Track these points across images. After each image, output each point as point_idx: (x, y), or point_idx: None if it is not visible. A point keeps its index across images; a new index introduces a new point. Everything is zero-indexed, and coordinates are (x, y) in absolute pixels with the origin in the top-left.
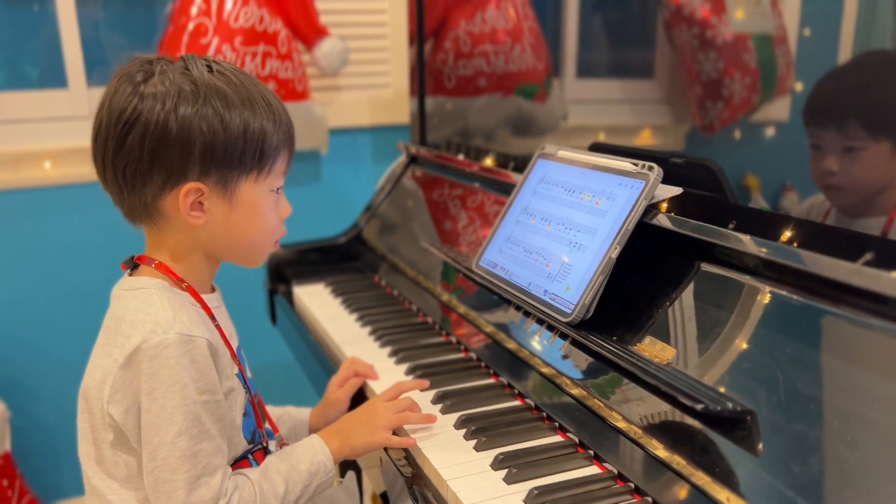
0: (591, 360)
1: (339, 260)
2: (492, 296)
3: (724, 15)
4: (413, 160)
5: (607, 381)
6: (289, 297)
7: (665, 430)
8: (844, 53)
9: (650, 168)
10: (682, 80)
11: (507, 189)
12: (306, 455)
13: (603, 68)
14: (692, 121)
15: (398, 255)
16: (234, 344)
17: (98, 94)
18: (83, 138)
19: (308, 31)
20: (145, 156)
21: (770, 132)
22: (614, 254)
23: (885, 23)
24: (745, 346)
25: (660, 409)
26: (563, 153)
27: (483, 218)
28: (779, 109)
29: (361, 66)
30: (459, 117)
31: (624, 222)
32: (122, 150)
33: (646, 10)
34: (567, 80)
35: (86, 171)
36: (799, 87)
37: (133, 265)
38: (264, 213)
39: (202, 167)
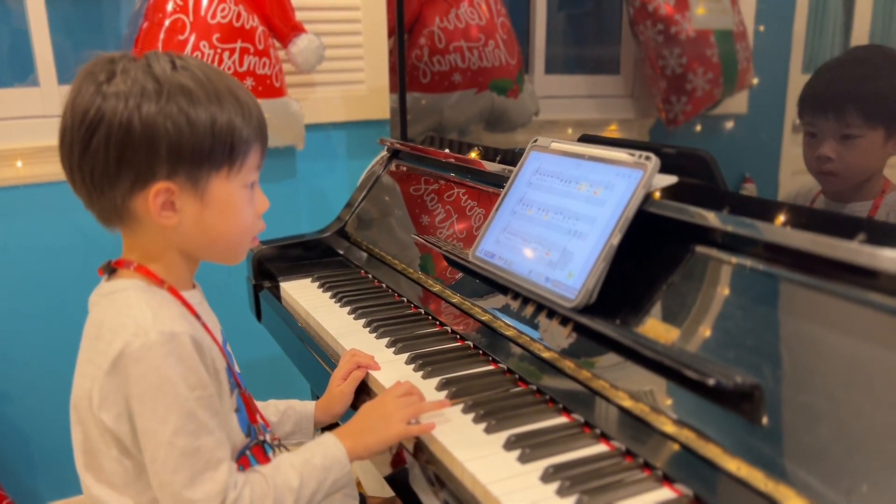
0: (595, 342)
1: (323, 255)
2: (486, 285)
3: (686, 11)
4: (395, 155)
5: (612, 362)
6: (275, 292)
7: (673, 407)
8: (797, 49)
9: (647, 158)
10: (647, 75)
11: (492, 182)
12: (319, 450)
13: (570, 64)
14: (656, 115)
15: (384, 249)
16: (220, 339)
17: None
18: (55, 137)
19: (284, 27)
20: (111, 158)
21: (729, 125)
22: (616, 240)
23: (835, 19)
24: (744, 324)
25: (666, 386)
26: (556, 145)
27: (470, 210)
28: (738, 103)
29: (335, 62)
30: (435, 113)
31: (624, 210)
32: (88, 152)
33: (611, 7)
34: (536, 77)
35: (58, 169)
36: (755, 81)
37: (110, 270)
38: (238, 209)
39: (170, 166)
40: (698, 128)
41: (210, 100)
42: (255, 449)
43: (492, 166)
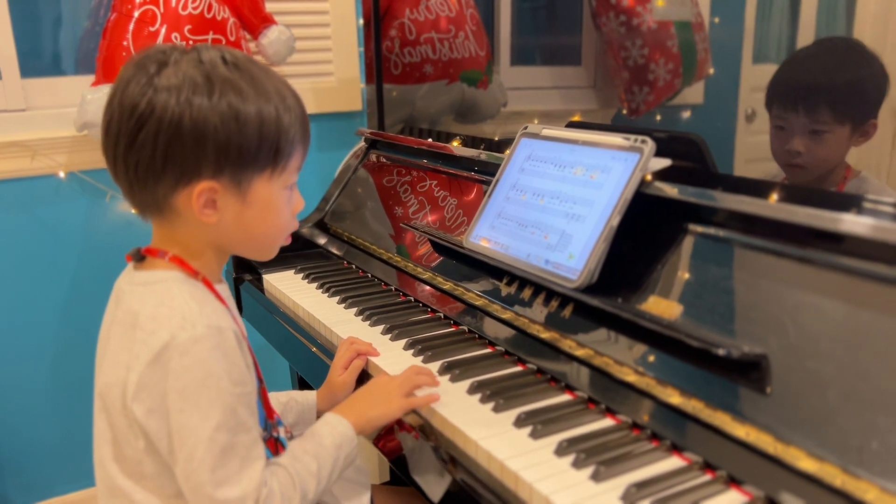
0: (597, 321)
1: (303, 247)
2: (480, 270)
3: (648, 3)
4: (372, 146)
5: (614, 339)
6: (257, 284)
7: (679, 379)
8: (748, 40)
9: (643, 141)
10: (609, 66)
11: (475, 170)
12: (326, 430)
13: (535, 56)
14: (618, 105)
15: (368, 239)
16: (245, 334)
17: (32, 85)
18: (18, 131)
19: (254, 19)
20: (158, 153)
21: (687, 115)
22: (615, 222)
23: (781, 10)
24: (742, 297)
25: (672, 360)
26: (547, 131)
27: (453, 198)
28: (694, 93)
29: (304, 54)
30: (406, 104)
31: (622, 192)
32: (134, 146)
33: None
34: (502, 68)
35: (23, 165)
36: (711, 71)
37: (139, 257)
38: (278, 209)
39: (216, 166)
40: (658, 117)
41: (259, 98)
42: (270, 442)
43: (477, 154)
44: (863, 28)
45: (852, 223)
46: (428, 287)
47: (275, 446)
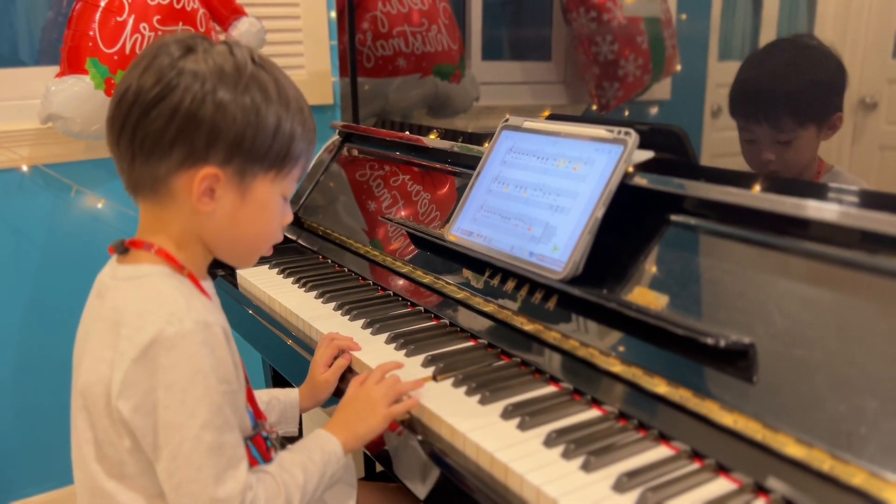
0: (581, 313)
1: None
2: (461, 263)
3: None
4: (347, 139)
5: (599, 330)
6: (230, 279)
7: (665, 369)
8: (714, 36)
9: (627, 133)
10: (580, 61)
11: (453, 162)
12: (316, 444)
13: (506, 51)
14: (587, 101)
15: (344, 233)
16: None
17: None
18: None
19: (224, 10)
20: (171, 130)
21: (654, 111)
22: (600, 213)
23: (746, 9)
24: (728, 287)
25: (658, 350)
26: (529, 124)
27: (430, 191)
28: (662, 89)
29: (275, 46)
30: (379, 98)
31: (607, 184)
32: (148, 117)
33: None
34: (473, 63)
35: None
36: (679, 67)
37: (123, 249)
38: (272, 214)
39: (226, 155)
40: (627, 113)
41: (280, 102)
42: (256, 439)
43: (450, 146)
44: (824, 23)
45: (836, 212)
46: (407, 281)
47: (264, 444)
